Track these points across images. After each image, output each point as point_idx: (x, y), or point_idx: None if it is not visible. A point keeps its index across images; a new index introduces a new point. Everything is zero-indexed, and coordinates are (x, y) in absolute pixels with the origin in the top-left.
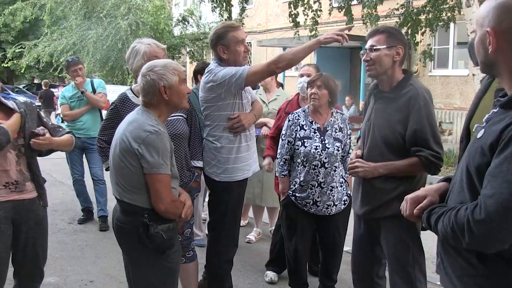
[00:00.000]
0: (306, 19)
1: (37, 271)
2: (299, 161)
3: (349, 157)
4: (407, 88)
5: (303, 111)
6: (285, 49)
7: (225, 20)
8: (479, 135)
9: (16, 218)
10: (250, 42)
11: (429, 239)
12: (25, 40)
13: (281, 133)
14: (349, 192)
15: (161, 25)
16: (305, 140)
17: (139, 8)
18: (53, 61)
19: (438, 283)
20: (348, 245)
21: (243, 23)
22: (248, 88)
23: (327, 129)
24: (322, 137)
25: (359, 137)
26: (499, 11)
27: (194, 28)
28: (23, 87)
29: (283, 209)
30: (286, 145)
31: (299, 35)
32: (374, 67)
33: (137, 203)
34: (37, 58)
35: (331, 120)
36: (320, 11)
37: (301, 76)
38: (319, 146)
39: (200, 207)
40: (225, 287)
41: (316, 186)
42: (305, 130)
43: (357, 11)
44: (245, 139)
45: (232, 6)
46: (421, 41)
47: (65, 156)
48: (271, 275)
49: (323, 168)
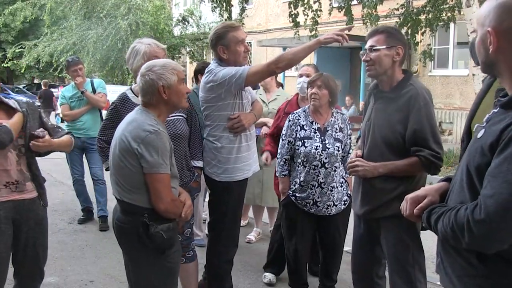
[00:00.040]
0: (306, 19)
1: (37, 270)
2: (299, 161)
3: (349, 157)
4: (407, 88)
5: (304, 111)
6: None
7: (225, 20)
8: (479, 135)
9: (16, 218)
10: (250, 42)
11: (429, 239)
12: (25, 40)
13: (281, 133)
14: (349, 192)
15: (161, 25)
16: (306, 140)
17: (139, 8)
18: (53, 61)
19: (438, 283)
20: (348, 245)
21: (243, 23)
22: (248, 88)
23: (328, 129)
24: (323, 137)
25: (359, 137)
26: (500, 10)
27: (194, 28)
28: (23, 87)
29: (283, 209)
30: (286, 145)
31: (299, 35)
32: (374, 67)
33: (137, 203)
34: (37, 58)
35: (331, 120)
36: (320, 11)
37: (300, 76)
38: (320, 146)
39: (200, 207)
40: (225, 287)
41: (316, 186)
42: (306, 130)
43: (357, 11)
44: (245, 139)
45: (232, 6)
46: (421, 41)
47: (65, 156)
48: (270, 276)
49: (323, 168)
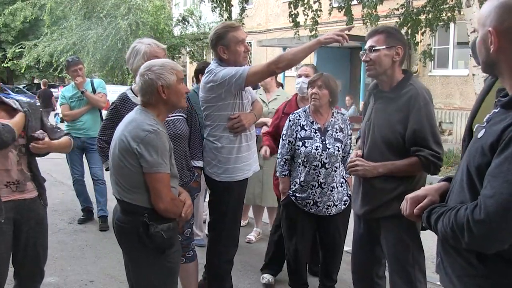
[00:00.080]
0: (306, 19)
1: (37, 270)
2: (300, 161)
3: (349, 157)
4: (407, 88)
5: (304, 111)
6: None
7: (225, 20)
8: (479, 135)
9: (17, 218)
10: (250, 42)
11: (429, 239)
12: (25, 40)
13: (279, 133)
14: (350, 193)
15: (161, 25)
16: (306, 140)
17: (139, 8)
18: (53, 61)
19: (438, 283)
20: (348, 245)
21: (243, 23)
22: (249, 88)
23: (328, 129)
24: (323, 138)
25: (359, 137)
26: (501, 10)
27: (194, 28)
28: (23, 87)
29: (283, 209)
30: (286, 145)
31: (299, 35)
32: (374, 67)
33: (137, 202)
34: (37, 58)
35: (331, 120)
36: (320, 11)
37: (299, 76)
38: (320, 147)
39: (201, 207)
40: (225, 287)
41: (316, 187)
42: (306, 130)
43: (357, 11)
44: (246, 139)
45: (232, 6)
46: (421, 41)
47: (65, 156)
48: (268, 277)
49: (323, 168)
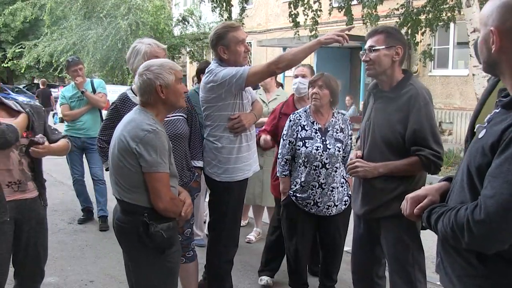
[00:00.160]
0: (306, 19)
1: (38, 270)
2: (300, 161)
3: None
4: (407, 88)
5: (305, 111)
6: (285, 49)
7: (225, 20)
8: (480, 135)
9: (18, 217)
10: (250, 42)
11: (429, 239)
12: (25, 40)
13: (277, 133)
14: (350, 193)
15: (161, 25)
16: (306, 141)
17: (139, 8)
18: (53, 61)
19: (438, 283)
20: (348, 245)
21: (243, 23)
22: (249, 88)
23: (328, 129)
24: (323, 138)
25: (359, 136)
26: (503, 10)
27: (194, 28)
28: (23, 87)
29: (284, 209)
30: (287, 145)
31: (299, 35)
32: (374, 67)
33: (137, 202)
34: (37, 58)
35: (332, 121)
36: (320, 11)
37: (296, 77)
38: (320, 147)
39: (201, 207)
40: (225, 287)
41: (317, 187)
42: (306, 131)
43: (357, 11)
44: (246, 139)
45: (232, 6)
46: (421, 41)
47: (65, 156)
48: (266, 278)
49: (324, 168)
